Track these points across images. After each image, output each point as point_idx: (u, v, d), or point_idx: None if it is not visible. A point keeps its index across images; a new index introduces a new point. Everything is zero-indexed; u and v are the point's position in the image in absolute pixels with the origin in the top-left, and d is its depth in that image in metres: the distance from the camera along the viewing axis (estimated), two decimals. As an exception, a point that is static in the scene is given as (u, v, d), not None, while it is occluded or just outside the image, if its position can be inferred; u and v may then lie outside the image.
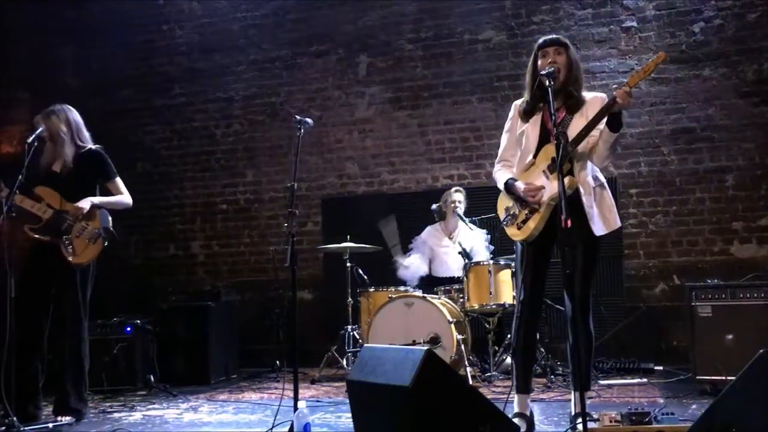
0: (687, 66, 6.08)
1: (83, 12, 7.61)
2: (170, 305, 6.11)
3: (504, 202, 3.68)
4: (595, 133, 3.36)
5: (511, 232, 3.61)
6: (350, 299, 5.63)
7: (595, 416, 3.41)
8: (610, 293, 6.05)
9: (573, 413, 3.46)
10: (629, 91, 3.19)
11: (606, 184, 3.57)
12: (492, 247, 5.72)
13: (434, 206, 5.87)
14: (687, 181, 6.05)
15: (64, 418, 4.17)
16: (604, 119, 3.31)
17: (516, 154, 3.65)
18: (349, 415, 3.34)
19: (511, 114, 3.70)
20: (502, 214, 3.68)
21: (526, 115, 3.58)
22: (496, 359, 5.24)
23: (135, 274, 7.32)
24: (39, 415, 4.21)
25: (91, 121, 4.55)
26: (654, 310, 6.00)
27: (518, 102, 3.67)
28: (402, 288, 5.43)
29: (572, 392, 3.51)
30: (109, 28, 7.54)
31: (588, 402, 3.33)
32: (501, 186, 3.65)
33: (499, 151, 3.75)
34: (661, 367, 5.49)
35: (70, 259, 4.19)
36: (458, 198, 5.70)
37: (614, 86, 6.06)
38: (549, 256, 3.61)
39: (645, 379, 5.05)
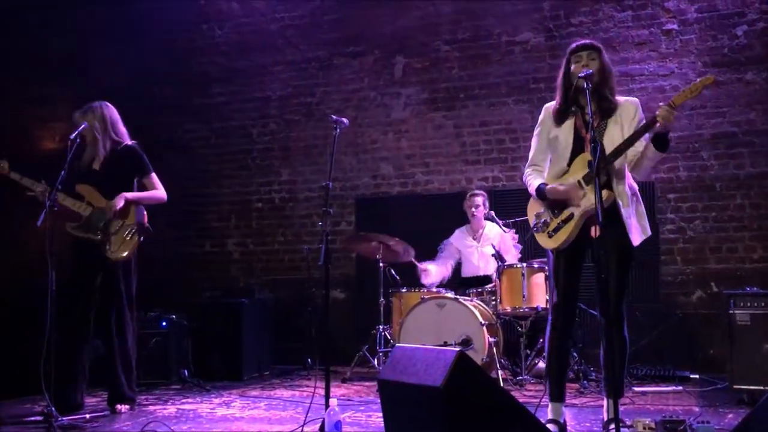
0: (729, 69, 5.97)
1: (125, 11, 7.75)
2: (205, 301, 6.19)
3: (535, 208, 3.65)
4: (637, 146, 3.33)
5: (542, 240, 3.59)
6: (382, 299, 5.64)
7: (629, 423, 3.38)
8: (646, 299, 5.96)
9: (606, 419, 3.42)
10: (673, 111, 3.17)
11: (638, 193, 3.55)
12: (521, 246, 5.70)
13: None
14: (727, 187, 5.94)
15: (122, 407, 4.31)
16: (644, 135, 3.30)
17: (546, 159, 3.63)
18: (380, 414, 3.35)
19: (541, 117, 3.67)
20: (532, 220, 3.66)
21: (558, 118, 3.55)
22: (528, 363, 5.21)
23: (171, 269, 7.42)
24: (83, 404, 4.32)
25: (131, 119, 4.64)
26: (690, 318, 5.90)
27: (549, 105, 3.64)
28: (434, 289, 5.43)
29: (605, 398, 3.48)
30: (150, 27, 7.67)
31: (621, 408, 3.29)
32: (532, 191, 3.63)
33: (530, 155, 3.72)
34: (696, 376, 5.40)
35: (108, 254, 4.29)
36: (476, 202, 5.73)
37: (652, 89, 6.06)
38: (582, 262, 3.59)
39: (680, 387, 4.98)
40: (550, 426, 3.34)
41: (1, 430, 3.88)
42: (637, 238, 3.42)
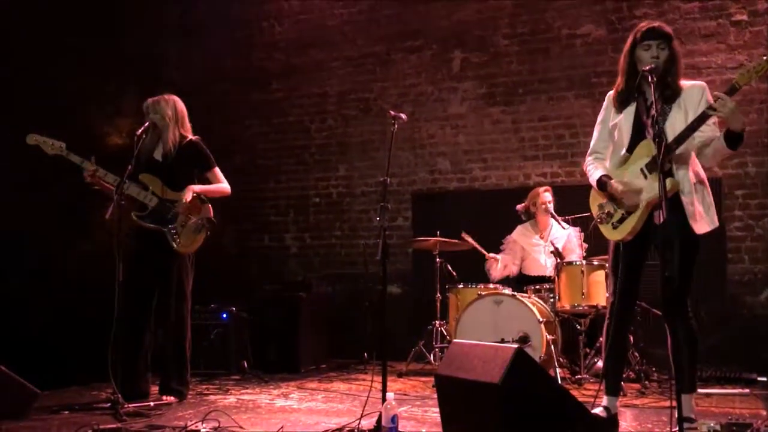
0: (802, 61, 5.72)
1: (188, 9, 7.93)
2: (264, 294, 6.30)
3: (597, 199, 3.62)
4: (704, 129, 3.22)
5: (607, 231, 3.55)
6: (438, 295, 5.63)
7: (693, 426, 3.29)
8: (712, 299, 5.78)
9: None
10: (724, 99, 3.05)
11: (706, 181, 3.44)
12: (586, 245, 5.59)
13: (519, 206, 5.77)
14: (798, 183, 5.72)
15: (168, 398, 4.38)
16: (710, 121, 3.19)
17: (608, 147, 3.60)
18: (436, 410, 3.35)
19: (604, 105, 3.65)
20: (595, 211, 3.62)
21: (620, 104, 3.50)
22: (587, 362, 5.12)
23: (231, 262, 7.56)
24: (149, 392, 4.46)
25: (193, 114, 4.74)
26: (758, 318, 5.70)
27: (611, 93, 3.60)
28: (491, 285, 5.39)
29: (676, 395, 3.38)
30: (212, 24, 7.83)
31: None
32: (593, 182, 3.58)
33: (591, 143, 3.69)
34: (764, 378, 5.20)
35: (175, 248, 4.38)
36: (548, 198, 5.60)
37: (720, 82, 5.88)
38: (645, 255, 3.53)
39: (747, 390, 4.82)
40: (599, 410, 3.33)
41: (70, 416, 4.02)
42: (701, 226, 3.31)
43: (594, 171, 3.59)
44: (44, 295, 5.91)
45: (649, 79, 3.20)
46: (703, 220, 3.33)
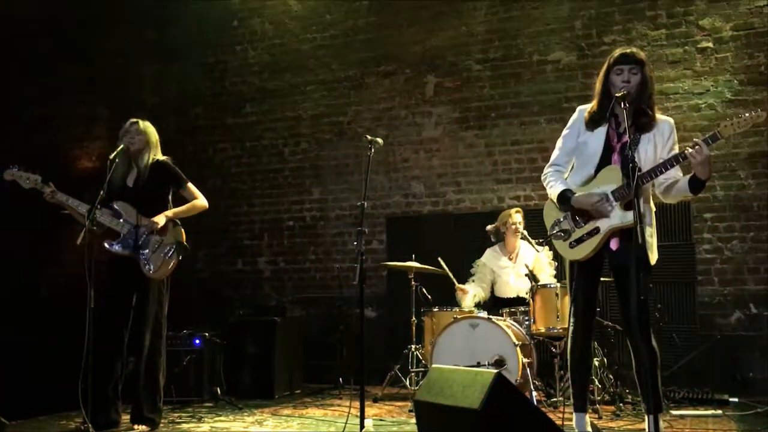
0: (766, 88, 5.88)
1: (163, 34, 7.92)
2: (237, 319, 6.22)
3: (553, 214, 3.63)
4: (671, 170, 3.32)
5: (562, 249, 3.58)
6: (414, 318, 5.62)
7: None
8: (683, 321, 5.85)
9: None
10: (702, 146, 3.16)
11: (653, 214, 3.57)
12: (555, 263, 5.63)
13: (489, 227, 5.78)
14: (765, 206, 5.83)
15: (139, 427, 4.29)
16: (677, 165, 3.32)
17: (570, 162, 3.63)
18: (414, 435, 3.33)
19: (574, 117, 3.66)
20: (549, 224, 3.64)
21: (592, 124, 3.54)
22: (563, 384, 5.13)
23: (203, 287, 7.48)
24: (120, 421, 4.35)
25: (166, 138, 4.71)
26: (729, 340, 5.77)
27: (584, 107, 3.63)
28: (466, 309, 5.39)
29: (646, 416, 3.42)
30: (186, 49, 7.83)
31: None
32: (553, 195, 3.59)
33: (553, 154, 3.70)
34: (736, 399, 5.27)
35: (148, 273, 4.32)
36: (518, 219, 5.63)
37: (687, 108, 6.01)
38: (600, 273, 3.62)
39: (719, 411, 4.86)
40: None
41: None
42: (654, 257, 3.43)
43: (555, 183, 3.59)
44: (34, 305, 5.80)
45: (622, 105, 3.26)
46: (654, 251, 3.45)
